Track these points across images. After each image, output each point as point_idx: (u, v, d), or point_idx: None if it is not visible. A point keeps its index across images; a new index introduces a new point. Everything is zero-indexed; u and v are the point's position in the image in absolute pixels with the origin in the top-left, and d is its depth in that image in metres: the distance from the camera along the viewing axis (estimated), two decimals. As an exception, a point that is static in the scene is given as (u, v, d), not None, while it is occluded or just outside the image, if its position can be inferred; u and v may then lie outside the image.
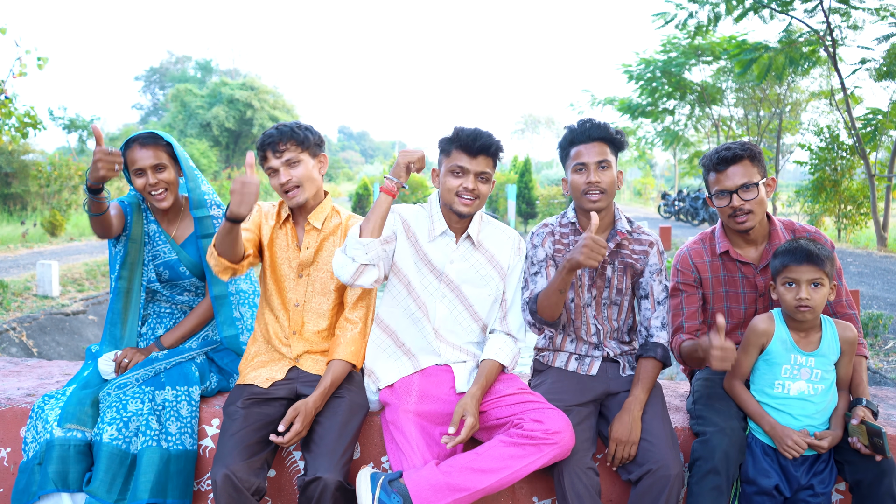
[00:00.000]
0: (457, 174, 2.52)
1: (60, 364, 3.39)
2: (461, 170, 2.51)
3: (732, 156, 2.57)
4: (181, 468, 2.50)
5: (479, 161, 2.51)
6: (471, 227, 2.62)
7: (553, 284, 2.44)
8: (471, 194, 2.51)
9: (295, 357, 2.67)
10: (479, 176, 2.52)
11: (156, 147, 2.75)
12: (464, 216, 2.56)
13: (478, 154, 2.51)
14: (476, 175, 2.51)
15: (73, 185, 18.06)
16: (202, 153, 30.69)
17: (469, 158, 2.50)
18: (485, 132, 2.52)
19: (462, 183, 2.51)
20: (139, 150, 2.73)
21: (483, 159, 2.52)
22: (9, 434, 2.70)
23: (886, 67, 12.99)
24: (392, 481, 2.26)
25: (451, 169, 2.52)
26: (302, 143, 2.60)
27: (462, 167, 2.50)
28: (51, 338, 8.12)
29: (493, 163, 2.56)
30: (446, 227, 2.61)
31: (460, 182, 2.51)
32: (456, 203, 2.52)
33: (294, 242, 2.69)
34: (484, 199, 2.56)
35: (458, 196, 2.51)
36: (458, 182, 2.51)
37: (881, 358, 6.09)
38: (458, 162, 2.51)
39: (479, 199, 2.54)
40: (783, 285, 2.43)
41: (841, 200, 15.36)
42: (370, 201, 27.18)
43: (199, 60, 49.62)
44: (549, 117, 75.75)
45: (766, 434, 2.43)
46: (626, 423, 2.42)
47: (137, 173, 2.74)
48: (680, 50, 18.15)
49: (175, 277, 2.86)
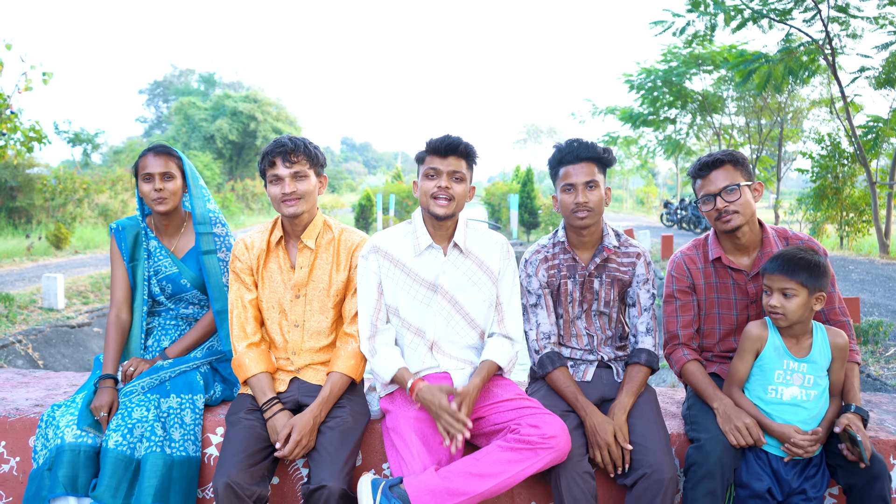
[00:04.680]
0: (430, 177, 2.59)
1: (67, 375, 3.44)
2: (434, 171, 2.58)
3: (714, 161, 2.65)
4: (184, 474, 2.55)
5: (450, 161, 2.58)
6: (456, 236, 2.67)
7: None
8: (445, 193, 2.57)
9: (297, 369, 2.72)
10: (453, 175, 2.58)
11: (167, 157, 2.86)
12: (441, 218, 2.60)
13: (447, 154, 2.58)
14: (449, 174, 2.58)
15: (77, 198, 18.20)
16: (206, 165, 30.87)
17: (440, 159, 2.58)
18: (453, 135, 2.61)
19: (436, 183, 2.57)
20: (152, 157, 2.85)
21: (454, 159, 2.58)
22: (18, 444, 2.75)
23: (886, 75, 13.02)
24: (392, 486, 2.30)
25: (426, 173, 2.60)
26: (312, 160, 2.67)
27: (435, 168, 2.58)
28: (56, 350, 8.17)
29: (467, 164, 2.63)
30: (431, 241, 2.66)
31: (434, 182, 2.58)
32: (432, 205, 2.58)
33: (287, 264, 2.74)
34: (461, 201, 2.62)
35: (434, 198, 2.58)
36: (433, 183, 2.58)
37: (882, 365, 6.10)
38: (430, 165, 2.59)
39: (454, 201, 2.59)
40: (763, 291, 2.51)
41: (843, 208, 15.37)
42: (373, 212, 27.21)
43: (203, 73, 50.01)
44: (551, 127, 75.93)
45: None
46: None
47: (146, 178, 2.83)
48: (680, 59, 18.24)
49: (177, 291, 2.93)
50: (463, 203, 2.64)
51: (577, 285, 2.76)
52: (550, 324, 2.75)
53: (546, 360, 2.70)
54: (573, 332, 2.79)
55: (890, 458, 2.58)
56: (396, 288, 2.65)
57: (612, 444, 2.44)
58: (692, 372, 2.69)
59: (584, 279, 2.75)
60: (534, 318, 2.76)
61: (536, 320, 2.76)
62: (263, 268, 2.74)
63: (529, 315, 2.77)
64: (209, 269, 2.88)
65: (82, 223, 17.85)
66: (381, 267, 2.65)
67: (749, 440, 2.41)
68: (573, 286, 2.76)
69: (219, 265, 2.90)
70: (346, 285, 2.74)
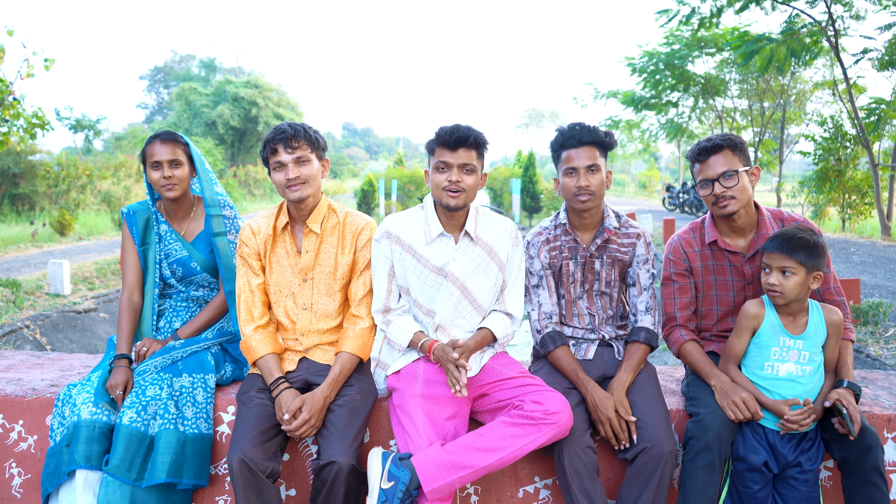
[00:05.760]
0: (441, 169, 2.63)
1: (80, 357, 3.52)
2: (445, 165, 2.62)
3: (713, 146, 2.68)
4: (197, 450, 2.63)
5: (461, 153, 2.61)
6: (468, 224, 2.72)
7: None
8: (456, 186, 2.61)
9: (305, 349, 2.79)
10: (463, 168, 2.62)
11: (174, 144, 2.91)
12: (453, 209, 2.65)
13: (457, 146, 2.61)
14: (459, 167, 2.62)
15: (80, 184, 18.23)
16: (207, 151, 30.82)
17: (450, 152, 2.61)
18: (463, 126, 2.63)
19: (447, 177, 2.61)
20: (159, 145, 2.89)
21: (464, 151, 2.62)
22: (35, 422, 2.83)
23: (889, 57, 12.98)
24: (402, 460, 2.38)
25: (436, 166, 2.63)
26: (313, 144, 2.72)
27: (445, 162, 2.61)
28: (64, 335, 8.26)
29: (477, 155, 2.66)
30: (442, 230, 2.71)
31: (445, 176, 2.62)
32: (444, 197, 2.63)
33: (294, 248, 2.79)
34: (472, 192, 2.66)
35: (446, 191, 2.62)
36: (444, 176, 2.62)
37: (881, 345, 6.16)
38: (440, 158, 2.62)
39: (465, 192, 2.63)
40: (761, 269, 2.57)
41: (845, 190, 15.37)
42: (375, 197, 27.22)
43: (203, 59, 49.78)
44: (553, 111, 75.66)
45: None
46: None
47: (154, 166, 2.88)
48: (683, 42, 18.15)
49: (188, 274, 2.99)
50: (475, 193, 2.69)
51: (579, 266, 2.81)
52: (552, 304, 2.81)
53: (548, 339, 2.76)
54: (575, 312, 2.85)
55: (884, 432, 2.64)
56: (407, 272, 2.71)
57: (613, 419, 2.51)
58: (690, 352, 2.75)
59: (585, 260, 2.81)
60: (536, 298, 2.82)
61: (538, 301, 2.82)
62: (271, 252, 2.79)
63: (531, 296, 2.83)
64: (221, 250, 2.94)
65: (85, 210, 17.89)
66: (393, 251, 2.71)
67: (746, 414, 2.48)
68: (575, 267, 2.82)
69: (230, 246, 2.97)
70: (351, 268, 2.79)
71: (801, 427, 2.46)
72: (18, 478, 2.84)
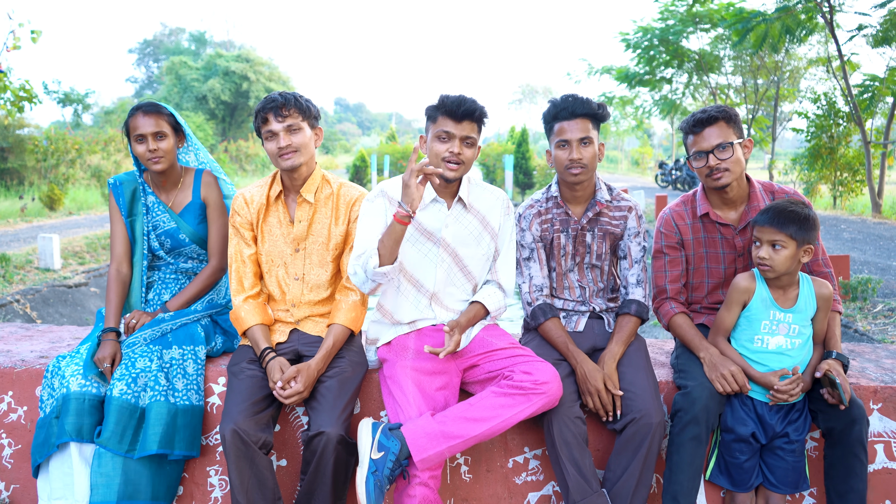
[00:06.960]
0: (443, 139, 2.60)
1: (70, 329, 3.51)
2: (447, 135, 2.58)
3: (708, 118, 2.67)
4: (188, 422, 2.63)
5: (464, 126, 2.59)
6: (461, 191, 2.71)
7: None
8: (457, 158, 2.59)
9: (296, 321, 2.78)
10: (465, 140, 2.60)
11: (158, 116, 2.86)
12: (450, 181, 2.64)
13: (462, 119, 2.58)
14: (461, 140, 2.59)
15: (69, 159, 18.05)
16: (198, 126, 30.53)
17: (454, 123, 2.58)
18: (469, 98, 2.59)
19: (448, 147, 2.58)
20: (141, 117, 2.84)
21: (468, 124, 2.59)
22: (25, 394, 2.83)
23: (883, 34, 12.93)
24: (392, 430, 2.39)
25: (438, 135, 2.60)
26: (304, 112, 2.68)
27: (448, 132, 2.58)
28: (54, 309, 8.24)
29: (478, 128, 2.64)
30: (435, 195, 2.69)
31: (446, 147, 2.59)
32: (442, 167, 2.60)
33: (287, 218, 2.77)
34: (469, 164, 2.64)
35: (445, 161, 2.59)
36: (445, 147, 2.59)
37: (869, 321, 6.23)
38: (443, 127, 2.58)
39: (464, 164, 2.61)
40: (752, 243, 2.57)
41: (837, 168, 15.41)
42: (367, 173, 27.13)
43: (193, 32, 49.20)
44: (546, 87, 75.21)
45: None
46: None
47: (138, 139, 2.84)
48: (678, 17, 18.05)
49: (176, 246, 2.97)
50: (471, 165, 2.67)
51: (570, 239, 2.81)
52: (543, 276, 2.82)
53: (538, 311, 2.77)
54: (566, 285, 2.86)
55: (870, 403, 2.67)
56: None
57: (601, 391, 2.53)
58: (679, 324, 2.76)
59: (576, 233, 2.80)
60: (527, 271, 2.82)
61: (529, 273, 2.82)
62: (263, 222, 2.78)
63: (522, 268, 2.83)
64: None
65: (75, 184, 17.72)
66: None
67: (734, 387, 2.50)
68: (566, 240, 2.81)
69: None
70: (344, 239, 2.78)
71: (790, 398, 2.48)
72: (9, 448, 2.84)
